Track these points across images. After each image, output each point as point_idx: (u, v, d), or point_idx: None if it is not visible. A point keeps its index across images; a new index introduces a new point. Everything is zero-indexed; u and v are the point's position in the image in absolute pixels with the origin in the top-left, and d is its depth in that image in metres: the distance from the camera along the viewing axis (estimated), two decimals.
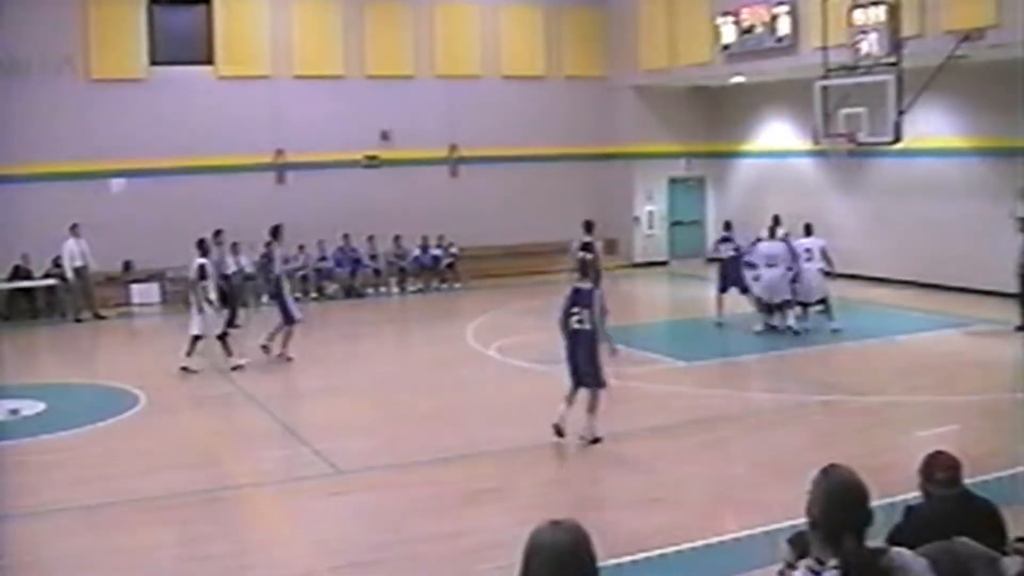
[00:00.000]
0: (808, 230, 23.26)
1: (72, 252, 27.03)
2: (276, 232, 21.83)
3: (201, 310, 20.12)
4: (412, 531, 11.29)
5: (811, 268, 22.58)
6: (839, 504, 4.22)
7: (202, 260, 20.22)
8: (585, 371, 14.52)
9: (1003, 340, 21.68)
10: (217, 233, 23.71)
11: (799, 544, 4.89)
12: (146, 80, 29.20)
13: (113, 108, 28.53)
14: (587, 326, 14.39)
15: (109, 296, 28.00)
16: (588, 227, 22.12)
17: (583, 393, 14.58)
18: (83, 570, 10.62)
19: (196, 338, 20.22)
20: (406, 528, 11.42)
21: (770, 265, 22.48)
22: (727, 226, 24.49)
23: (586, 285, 14.74)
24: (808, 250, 22.73)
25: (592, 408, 14.48)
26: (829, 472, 4.32)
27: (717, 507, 12.04)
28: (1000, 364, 20.28)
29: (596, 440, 14.36)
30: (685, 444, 14.66)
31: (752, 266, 22.56)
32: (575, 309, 14.51)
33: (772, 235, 23.14)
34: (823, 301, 22.84)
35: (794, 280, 22.31)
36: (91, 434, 15.87)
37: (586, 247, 21.32)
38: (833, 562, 4.09)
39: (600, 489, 12.61)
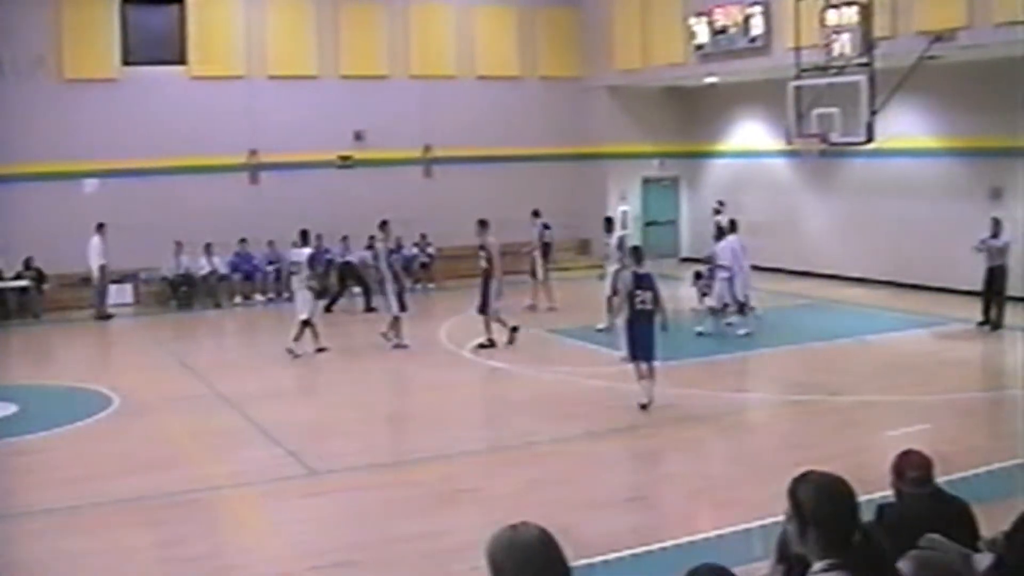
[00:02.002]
0: (733, 227, 23.53)
1: (98, 250, 27.02)
2: (384, 226, 22.72)
3: (315, 296, 21.70)
4: (389, 531, 11.30)
5: (746, 267, 23.08)
6: (840, 502, 4.22)
7: (310, 250, 21.75)
8: (648, 346, 16.23)
9: (975, 339, 21.85)
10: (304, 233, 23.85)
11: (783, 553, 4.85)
12: (119, 80, 29.07)
13: (86, 108, 28.38)
14: (649, 307, 16.25)
15: (83, 297, 27.87)
16: (482, 225, 22.71)
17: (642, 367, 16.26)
18: (60, 573, 10.59)
19: (305, 323, 21.25)
20: (383, 528, 11.43)
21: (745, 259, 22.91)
22: (733, 224, 24.67)
23: (645, 270, 16.67)
24: (744, 248, 23.14)
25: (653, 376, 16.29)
26: (811, 475, 4.31)
27: (693, 506, 12.09)
28: (973, 362, 20.47)
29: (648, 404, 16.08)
30: (661, 444, 14.72)
31: (723, 267, 22.53)
32: (638, 292, 16.24)
33: (721, 236, 23.65)
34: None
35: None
36: (64, 436, 15.80)
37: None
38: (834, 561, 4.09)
39: (576, 489, 12.62)
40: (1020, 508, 5.04)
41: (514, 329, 21.84)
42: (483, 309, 21.58)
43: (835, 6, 23.51)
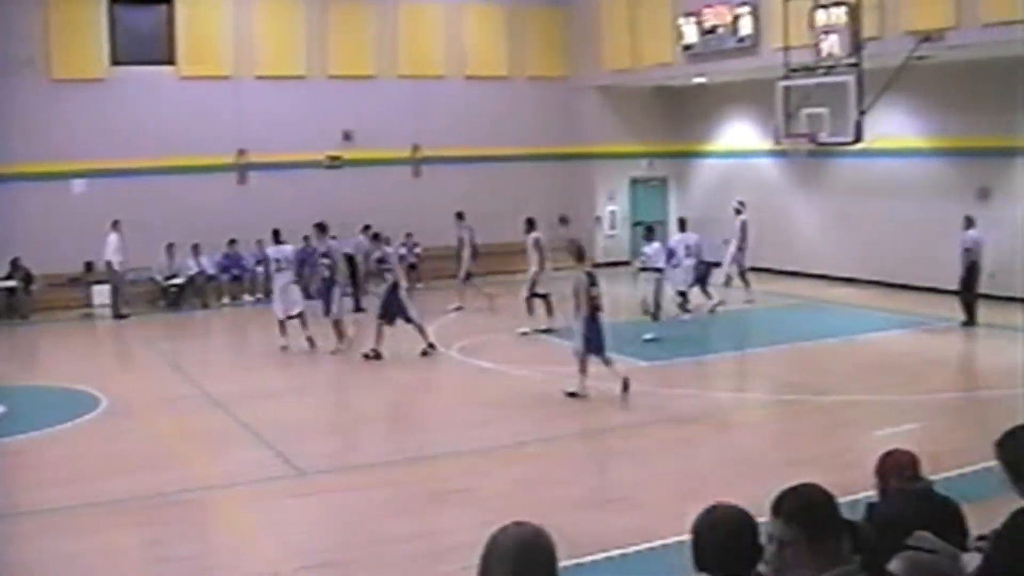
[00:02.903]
0: (682, 225, 24.80)
1: (115, 247, 27.04)
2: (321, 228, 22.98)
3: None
4: (377, 532, 11.29)
5: (688, 263, 23.94)
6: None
7: (292, 247, 22.67)
8: (603, 341, 16.92)
9: (963, 338, 21.91)
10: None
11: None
12: (107, 80, 28.99)
13: (74, 108, 28.29)
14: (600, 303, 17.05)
15: (70, 297, 27.82)
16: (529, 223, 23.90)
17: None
18: (49, 575, 10.56)
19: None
20: (371, 529, 11.43)
21: (687, 256, 23.91)
22: (682, 223, 25.38)
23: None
24: (688, 246, 24.02)
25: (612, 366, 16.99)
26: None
27: (682, 506, 12.04)
28: (960, 362, 20.53)
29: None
30: (649, 444, 14.73)
31: (656, 269, 22.73)
32: (593, 289, 17.06)
33: (683, 229, 24.80)
34: (683, 294, 24.14)
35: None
36: (53, 437, 15.75)
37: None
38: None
39: (565, 489, 12.62)
40: (1008, 508, 5.05)
41: (430, 346, 21.01)
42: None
43: (824, 6, 23.55)
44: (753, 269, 27.14)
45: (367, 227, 26.76)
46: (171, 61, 29.90)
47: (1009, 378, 17.41)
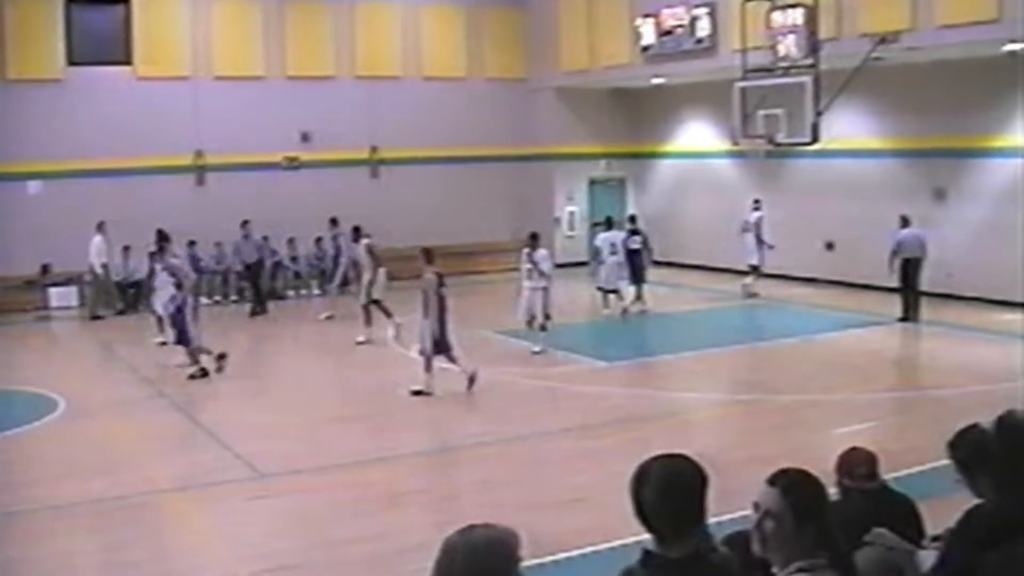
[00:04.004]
0: (608, 224, 25.67)
1: (100, 249, 26.96)
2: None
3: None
4: (335, 534, 11.25)
5: (612, 261, 24.60)
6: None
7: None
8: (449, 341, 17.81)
9: (918, 337, 22.08)
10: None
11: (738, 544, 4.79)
12: (64, 80, 28.78)
13: (30, 109, 28.07)
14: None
15: (26, 300, 27.61)
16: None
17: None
18: None
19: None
20: (329, 531, 11.38)
21: (612, 253, 24.59)
22: (632, 219, 26.40)
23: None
24: (612, 244, 24.74)
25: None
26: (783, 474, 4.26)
27: None
28: (916, 360, 20.68)
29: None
30: (607, 444, 14.72)
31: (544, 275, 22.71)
32: (443, 290, 17.99)
33: (609, 227, 25.58)
34: (615, 291, 24.95)
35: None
36: (8, 440, 15.60)
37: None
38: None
39: (522, 490, 12.61)
40: (964, 506, 5.08)
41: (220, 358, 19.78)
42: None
43: (781, 8, 23.65)
44: (711, 269, 27.25)
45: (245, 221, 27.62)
46: (128, 61, 29.69)
47: (962, 376, 17.59)
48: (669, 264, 31.76)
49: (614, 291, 24.78)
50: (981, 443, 5.10)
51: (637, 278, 25.31)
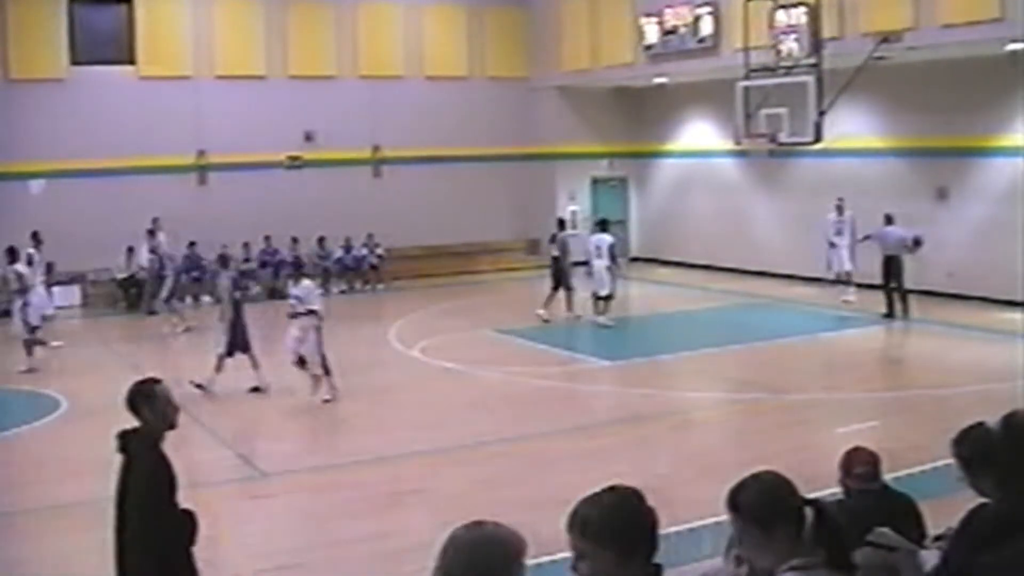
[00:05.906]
0: (602, 226, 24.80)
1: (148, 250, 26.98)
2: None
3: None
4: (337, 533, 11.25)
5: (600, 264, 23.75)
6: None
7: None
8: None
9: (920, 336, 22.04)
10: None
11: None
12: (66, 80, 28.80)
13: (33, 108, 28.09)
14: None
15: None
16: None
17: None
18: None
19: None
20: (331, 530, 11.38)
21: (598, 257, 23.84)
22: (602, 224, 25.45)
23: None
24: (598, 247, 23.94)
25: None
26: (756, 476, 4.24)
27: None
28: (917, 360, 20.62)
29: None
30: (609, 443, 14.72)
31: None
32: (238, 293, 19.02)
33: (603, 229, 24.82)
34: (609, 297, 23.86)
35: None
36: (11, 440, 15.62)
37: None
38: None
39: (523, 489, 12.59)
40: (966, 506, 5.07)
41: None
42: None
43: (784, 7, 23.66)
44: (714, 268, 27.21)
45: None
46: (131, 61, 29.72)
47: (964, 376, 17.58)
48: (671, 263, 31.75)
49: (609, 296, 24.19)
50: (986, 441, 5.08)
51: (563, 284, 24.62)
